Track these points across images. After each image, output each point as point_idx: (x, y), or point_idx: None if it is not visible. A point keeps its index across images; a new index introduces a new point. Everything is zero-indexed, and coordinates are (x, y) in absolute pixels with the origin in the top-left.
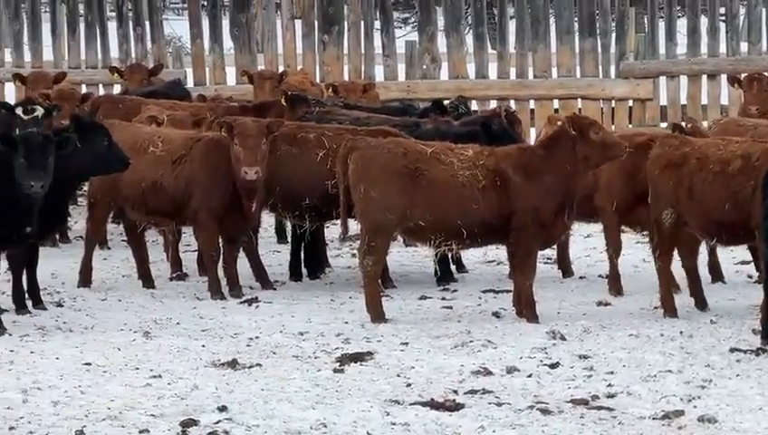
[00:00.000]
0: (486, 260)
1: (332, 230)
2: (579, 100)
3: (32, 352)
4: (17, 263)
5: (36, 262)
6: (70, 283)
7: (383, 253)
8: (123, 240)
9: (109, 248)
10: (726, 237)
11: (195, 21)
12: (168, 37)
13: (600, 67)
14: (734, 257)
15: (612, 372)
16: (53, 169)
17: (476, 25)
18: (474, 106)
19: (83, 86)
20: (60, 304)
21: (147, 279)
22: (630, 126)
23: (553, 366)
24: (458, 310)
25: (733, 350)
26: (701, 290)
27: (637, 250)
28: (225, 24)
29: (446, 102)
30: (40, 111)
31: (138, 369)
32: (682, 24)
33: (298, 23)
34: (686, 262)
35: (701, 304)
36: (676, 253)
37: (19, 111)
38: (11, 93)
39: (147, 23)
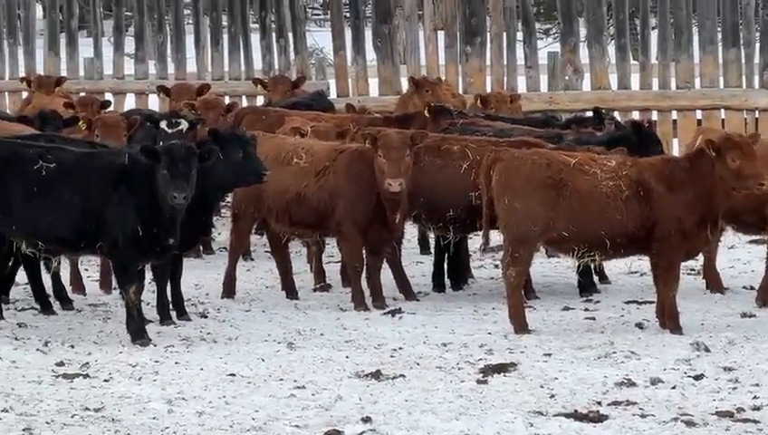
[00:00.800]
0: (629, 271)
1: (475, 241)
2: (722, 110)
3: (176, 363)
4: (161, 274)
5: (180, 273)
6: (214, 294)
7: (526, 264)
8: (267, 251)
9: (252, 260)
10: None
11: (338, 32)
12: (311, 49)
13: (744, 77)
14: None
15: (758, 385)
16: (196, 180)
17: (619, 36)
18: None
19: (226, 97)
20: (204, 315)
21: (290, 290)
22: None
23: (698, 378)
24: (601, 321)
25: None
26: None
27: None
28: (368, 35)
29: (583, 114)
30: (184, 125)
31: (282, 380)
32: None
33: (440, 34)
34: None
35: None
36: None
37: (164, 124)
38: (155, 105)
39: (290, 34)
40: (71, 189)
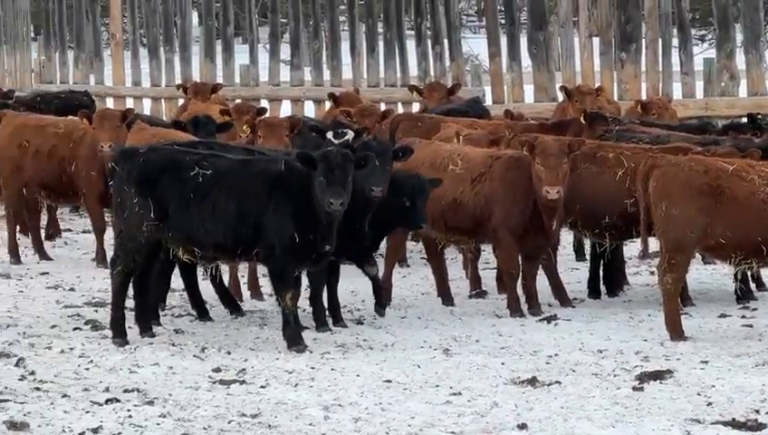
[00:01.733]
0: None
1: (630, 248)
2: None
3: (332, 370)
4: (318, 281)
5: (337, 280)
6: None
7: (683, 271)
8: (423, 258)
9: (408, 266)
10: None
11: (493, 39)
12: (466, 56)
13: None
14: None
15: None
16: (352, 187)
17: None
18: None
19: (382, 104)
20: (360, 322)
21: (446, 297)
22: None
23: None
24: (759, 328)
25: None
26: None
27: None
28: (523, 41)
29: (739, 121)
30: (350, 135)
31: (438, 386)
32: None
33: (596, 40)
34: None
35: None
36: None
37: (330, 135)
38: (310, 112)
39: (445, 41)
40: (228, 196)
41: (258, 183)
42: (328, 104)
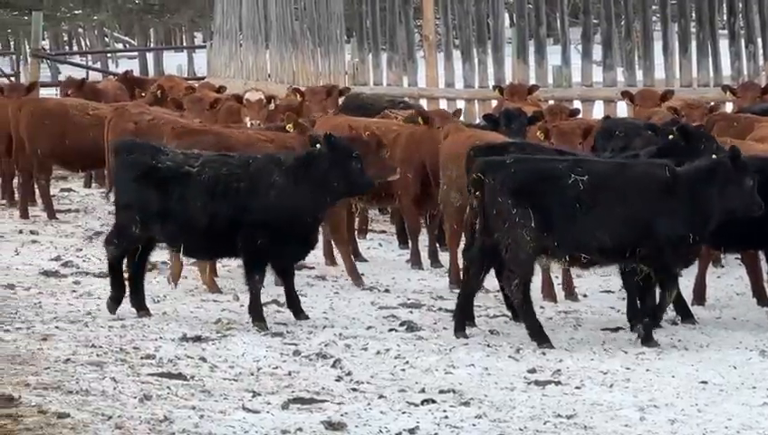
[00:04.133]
0: None
1: None
2: None
3: (647, 370)
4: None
5: None
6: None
7: None
8: (737, 258)
9: (722, 266)
10: None
11: None
12: None
13: None
14: None
15: None
16: None
17: None
18: None
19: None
20: (674, 323)
21: (761, 297)
22: None
23: None
24: None
25: None
26: None
27: None
28: None
29: None
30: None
31: (754, 388)
32: None
33: None
34: None
35: None
36: None
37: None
38: (623, 113)
39: (758, 40)
40: (616, 200)
41: (648, 185)
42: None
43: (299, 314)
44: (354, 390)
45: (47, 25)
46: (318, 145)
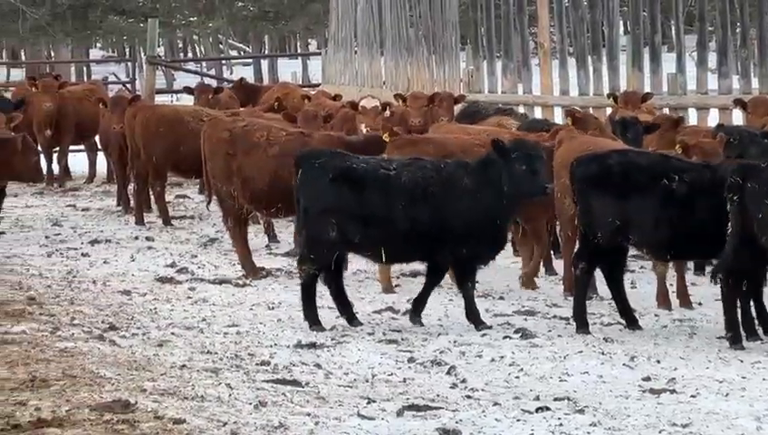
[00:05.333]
0: None
1: None
2: None
3: (764, 380)
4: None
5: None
6: None
7: None
8: None
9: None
10: None
11: None
12: None
13: None
14: None
15: None
16: None
17: None
18: None
19: None
20: None
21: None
22: None
23: None
24: None
25: None
26: None
27: None
28: None
29: None
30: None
31: None
32: None
33: None
34: None
35: None
36: None
37: None
38: (738, 120)
39: None
40: None
41: None
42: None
43: (478, 323)
44: (469, 397)
45: (163, 32)
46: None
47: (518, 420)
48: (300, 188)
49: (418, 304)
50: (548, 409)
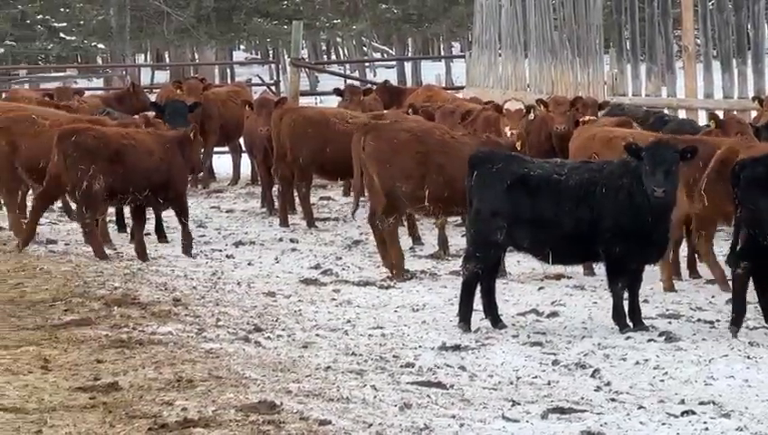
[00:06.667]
0: None
1: None
2: None
3: None
4: None
5: None
6: None
7: None
8: None
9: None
10: None
11: None
12: None
13: None
14: None
15: None
16: None
17: None
18: None
19: None
20: None
21: None
22: None
23: None
24: None
25: None
26: None
27: None
28: None
29: None
30: None
31: None
32: None
33: None
34: None
35: None
36: None
37: None
38: None
39: None
40: None
41: None
42: None
43: (623, 325)
44: (613, 400)
45: (306, 35)
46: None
47: (663, 424)
48: (473, 190)
49: (632, 307)
50: (693, 413)
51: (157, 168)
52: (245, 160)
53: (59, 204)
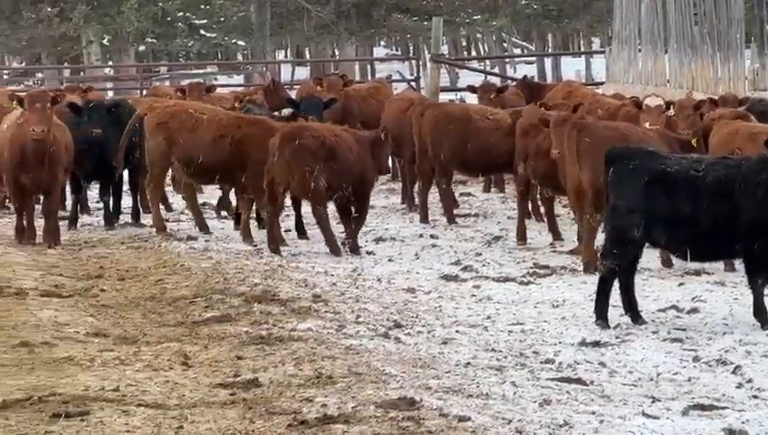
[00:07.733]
0: None
1: None
2: None
3: None
4: None
5: None
6: None
7: None
8: None
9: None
10: None
11: None
12: None
13: None
14: None
15: None
16: None
17: None
18: None
19: None
20: None
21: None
22: None
23: None
24: None
25: None
26: None
27: None
28: None
29: None
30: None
31: None
32: None
33: None
34: None
35: None
36: None
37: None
38: None
39: None
40: None
41: None
42: None
43: (765, 322)
44: (755, 397)
45: (446, 31)
46: None
47: None
48: (611, 186)
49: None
50: None
51: (356, 165)
52: None
53: (181, 201)
